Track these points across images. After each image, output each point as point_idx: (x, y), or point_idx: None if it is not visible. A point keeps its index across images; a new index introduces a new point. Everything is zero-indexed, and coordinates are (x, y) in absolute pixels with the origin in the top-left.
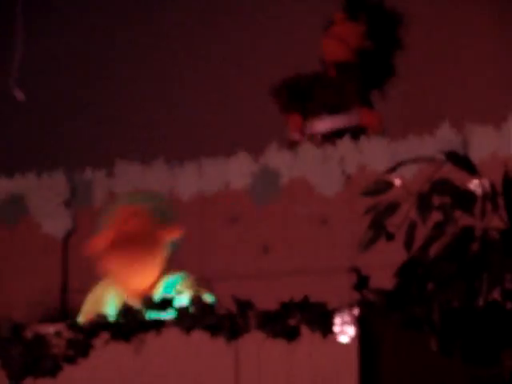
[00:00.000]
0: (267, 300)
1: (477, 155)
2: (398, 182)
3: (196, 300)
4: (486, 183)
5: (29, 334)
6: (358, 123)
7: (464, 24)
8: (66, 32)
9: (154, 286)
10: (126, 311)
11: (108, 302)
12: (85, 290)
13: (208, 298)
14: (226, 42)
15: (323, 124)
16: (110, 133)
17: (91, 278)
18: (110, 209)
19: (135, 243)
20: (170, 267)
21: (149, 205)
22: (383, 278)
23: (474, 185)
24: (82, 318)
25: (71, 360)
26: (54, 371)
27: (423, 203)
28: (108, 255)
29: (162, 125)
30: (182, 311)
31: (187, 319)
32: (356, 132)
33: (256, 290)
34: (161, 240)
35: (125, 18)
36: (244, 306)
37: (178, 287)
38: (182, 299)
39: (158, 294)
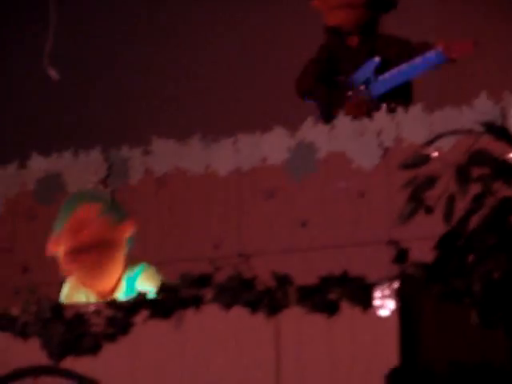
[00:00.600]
0: (306, 275)
1: None
2: (435, 154)
3: (237, 276)
4: None
5: (69, 312)
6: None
7: None
8: (99, 14)
9: (118, 283)
10: (164, 288)
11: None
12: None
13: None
14: (259, 22)
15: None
16: (145, 111)
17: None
18: (64, 210)
19: (93, 248)
20: (129, 262)
21: (99, 205)
22: (423, 251)
23: None
24: None
25: (111, 338)
26: (94, 349)
27: (462, 175)
28: (67, 260)
29: (197, 102)
30: (221, 287)
31: (226, 295)
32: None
33: (294, 264)
34: (118, 239)
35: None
36: (283, 280)
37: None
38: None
39: (121, 291)
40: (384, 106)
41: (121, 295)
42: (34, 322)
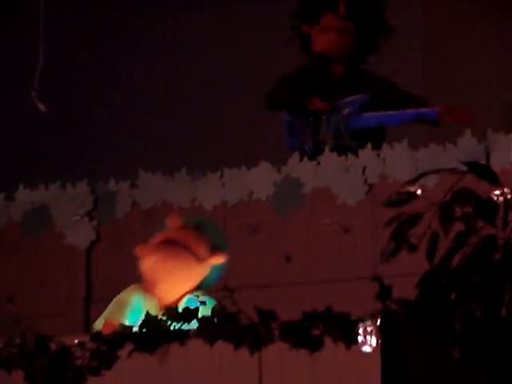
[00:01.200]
0: (290, 310)
1: (499, 164)
2: (419, 192)
3: (219, 311)
4: (508, 192)
5: (53, 345)
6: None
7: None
8: (86, 46)
9: (178, 302)
10: (149, 322)
11: (132, 306)
12: (107, 301)
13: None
14: (245, 61)
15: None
16: (132, 144)
17: (114, 289)
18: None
19: (182, 257)
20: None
21: (205, 227)
22: (406, 288)
23: (496, 194)
24: (101, 320)
25: (95, 371)
26: (78, 383)
27: (445, 214)
28: (154, 258)
29: (184, 136)
30: (205, 322)
31: (210, 330)
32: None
33: (279, 299)
34: (204, 263)
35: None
36: (267, 316)
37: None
38: (204, 311)
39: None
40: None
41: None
42: (18, 354)
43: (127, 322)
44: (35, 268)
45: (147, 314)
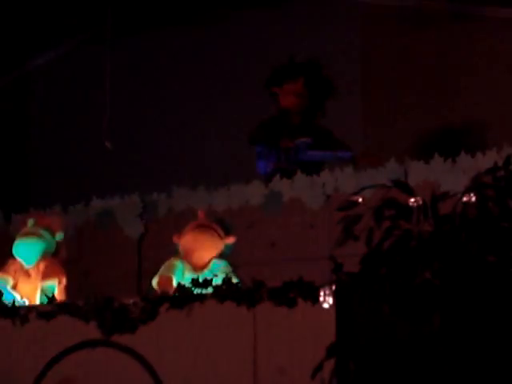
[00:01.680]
0: (274, 280)
1: (413, 181)
2: (360, 200)
3: (228, 281)
4: (420, 200)
5: (116, 304)
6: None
7: None
8: (137, 96)
9: (207, 264)
10: (180, 288)
11: (176, 267)
12: (153, 273)
13: (235, 279)
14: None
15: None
16: (168, 170)
17: (158, 265)
18: None
19: (209, 234)
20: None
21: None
22: (352, 265)
23: (412, 202)
24: (155, 279)
25: (144, 321)
26: (132, 329)
27: (378, 215)
28: (189, 235)
29: (204, 163)
30: (217, 288)
31: (221, 293)
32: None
33: (266, 273)
34: (222, 240)
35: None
36: (258, 284)
37: (219, 271)
38: (218, 279)
39: (206, 273)
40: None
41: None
42: (93, 310)
43: (174, 278)
44: (104, 251)
45: (178, 283)
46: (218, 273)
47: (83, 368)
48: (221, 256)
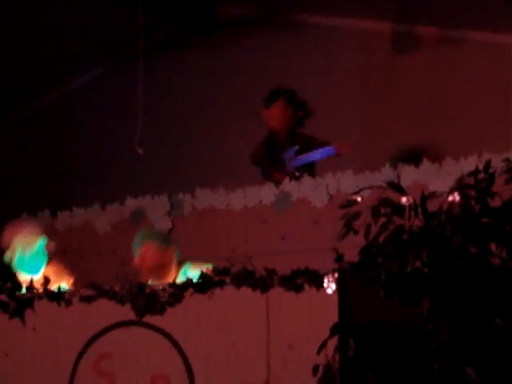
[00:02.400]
0: (285, 268)
1: (405, 183)
2: (359, 199)
3: (242, 270)
4: (411, 199)
5: (147, 289)
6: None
7: None
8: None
9: (176, 276)
10: (203, 276)
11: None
12: (180, 264)
13: (205, 267)
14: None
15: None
16: (193, 172)
17: (184, 254)
18: (136, 242)
19: (157, 267)
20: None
21: (154, 240)
22: (353, 255)
23: (404, 201)
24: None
25: (171, 304)
26: (161, 311)
27: (375, 212)
28: (145, 274)
29: (222, 167)
30: (234, 275)
31: (238, 279)
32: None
33: (278, 262)
34: (171, 258)
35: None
36: (271, 272)
37: (190, 270)
38: (195, 275)
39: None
40: (297, 174)
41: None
42: (128, 294)
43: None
44: (121, 245)
45: (201, 272)
46: (187, 274)
47: (119, 345)
48: (179, 263)
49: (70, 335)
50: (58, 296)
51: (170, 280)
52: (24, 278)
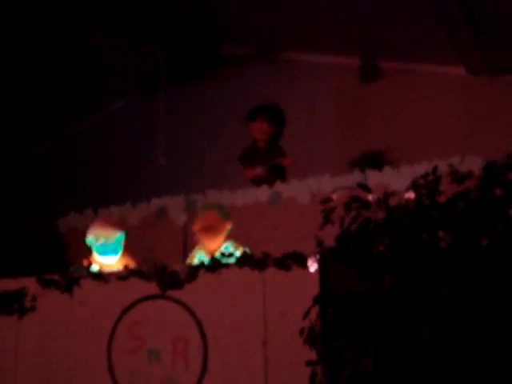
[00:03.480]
0: (277, 252)
1: (371, 183)
2: (335, 197)
3: (244, 253)
4: (375, 197)
5: (168, 269)
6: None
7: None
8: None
9: (219, 248)
10: (213, 259)
11: (197, 256)
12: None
13: (246, 250)
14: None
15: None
16: (204, 177)
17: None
18: (200, 212)
19: (213, 228)
20: (226, 239)
21: (217, 210)
22: (330, 242)
23: (370, 198)
24: (189, 260)
25: (188, 281)
26: (180, 286)
27: (347, 207)
28: (200, 234)
29: (227, 171)
30: (238, 258)
31: (240, 261)
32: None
33: (271, 248)
34: (224, 227)
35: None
36: (266, 255)
37: (230, 247)
38: (236, 252)
39: (222, 252)
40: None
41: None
42: (154, 273)
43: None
44: (160, 234)
45: (212, 257)
46: (227, 250)
47: (147, 314)
48: (227, 237)
49: (109, 306)
50: (99, 275)
51: (215, 247)
52: (99, 260)
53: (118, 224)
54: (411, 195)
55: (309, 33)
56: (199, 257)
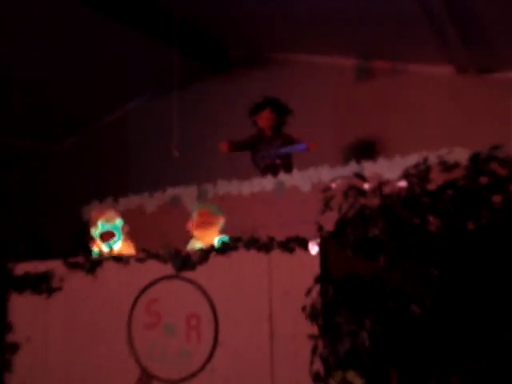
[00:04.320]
0: (281, 236)
1: (367, 173)
2: (334, 186)
3: (251, 238)
4: (371, 185)
5: (183, 252)
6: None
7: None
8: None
9: (213, 239)
10: (223, 243)
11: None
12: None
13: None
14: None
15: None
16: (214, 168)
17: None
18: (195, 210)
19: (208, 224)
20: (219, 233)
21: (210, 208)
22: (330, 226)
23: (366, 186)
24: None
25: (200, 263)
26: (193, 268)
27: (345, 195)
28: (196, 230)
29: (235, 164)
30: (245, 241)
31: (248, 244)
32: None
33: (276, 232)
34: (217, 222)
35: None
36: (271, 239)
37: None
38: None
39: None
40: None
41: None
42: (169, 256)
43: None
44: (174, 220)
45: (221, 240)
46: (220, 241)
47: (163, 292)
48: (220, 232)
49: (129, 286)
50: (120, 258)
51: (210, 240)
52: (102, 247)
53: (134, 211)
54: (403, 184)
55: (308, 37)
56: (220, 240)
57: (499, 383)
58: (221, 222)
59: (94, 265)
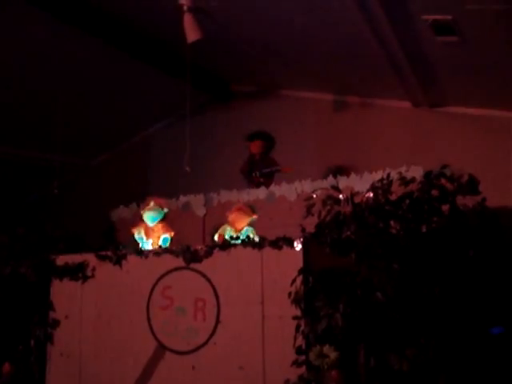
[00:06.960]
0: (272, 236)
1: (341, 186)
2: (315, 195)
3: (248, 237)
4: (344, 196)
5: (192, 248)
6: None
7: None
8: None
9: (242, 229)
10: (224, 240)
11: (226, 230)
12: (210, 235)
13: (255, 235)
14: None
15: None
16: (218, 181)
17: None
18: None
19: (244, 212)
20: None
21: (249, 205)
22: (311, 229)
23: (340, 196)
24: (216, 235)
25: (206, 257)
26: (200, 261)
27: (324, 203)
28: (233, 213)
29: (235, 177)
30: (242, 240)
31: (244, 243)
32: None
33: (268, 233)
34: (250, 215)
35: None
36: (263, 238)
37: (249, 232)
38: (249, 235)
39: (242, 233)
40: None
41: (243, 233)
42: (181, 251)
43: (225, 234)
44: (185, 223)
45: (224, 238)
46: (247, 233)
47: (176, 280)
48: (249, 224)
49: (147, 275)
50: (141, 252)
51: (240, 227)
52: (149, 223)
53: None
54: (370, 195)
55: (295, 75)
56: (228, 233)
57: (445, 355)
58: (253, 217)
59: (120, 258)
